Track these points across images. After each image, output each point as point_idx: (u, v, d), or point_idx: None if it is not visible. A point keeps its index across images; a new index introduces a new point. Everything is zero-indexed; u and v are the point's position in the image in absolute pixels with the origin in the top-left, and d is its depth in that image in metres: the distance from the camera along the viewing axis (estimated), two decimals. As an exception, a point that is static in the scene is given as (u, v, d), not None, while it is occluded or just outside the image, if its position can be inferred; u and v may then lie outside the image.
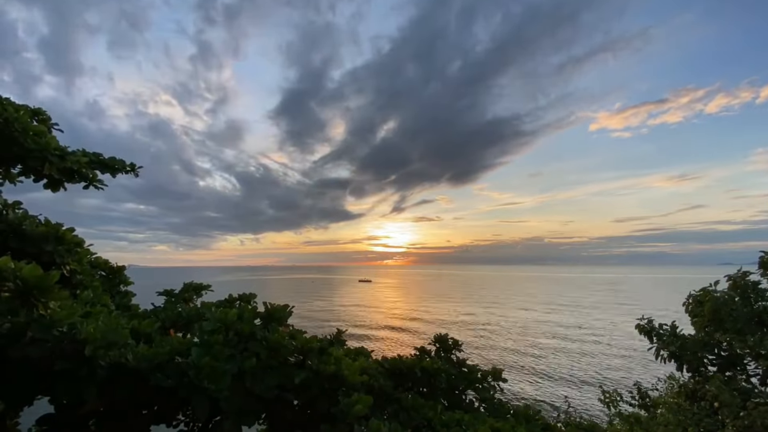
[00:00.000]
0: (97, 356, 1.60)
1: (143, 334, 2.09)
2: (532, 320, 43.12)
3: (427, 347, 3.02)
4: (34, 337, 1.56)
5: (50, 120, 3.22)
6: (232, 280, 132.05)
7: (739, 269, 6.25)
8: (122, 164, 3.36)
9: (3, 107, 2.62)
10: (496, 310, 52.25)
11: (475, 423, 2.15)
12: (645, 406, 6.15)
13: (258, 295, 3.28)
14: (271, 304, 2.36)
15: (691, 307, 6.30)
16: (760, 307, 5.70)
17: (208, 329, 1.99)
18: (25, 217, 2.71)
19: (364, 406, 1.83)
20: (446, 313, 49.07)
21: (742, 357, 5.29)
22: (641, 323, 6.32)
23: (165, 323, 2.62)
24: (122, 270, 3.31)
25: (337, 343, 2.69)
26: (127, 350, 1.71)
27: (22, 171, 2.88)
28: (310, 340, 2.16)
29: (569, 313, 48.34)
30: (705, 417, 4.62)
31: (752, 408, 4.22)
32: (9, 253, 2.24)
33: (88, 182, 3.10)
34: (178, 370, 1.67)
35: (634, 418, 5.32)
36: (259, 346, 1.99)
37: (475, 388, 2.78)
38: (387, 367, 2.60)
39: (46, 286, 1.59)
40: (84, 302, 2.21)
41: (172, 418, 1.90)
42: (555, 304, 59.19)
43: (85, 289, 2.59)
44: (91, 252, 3.04)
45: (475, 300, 65.59)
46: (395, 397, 2.30)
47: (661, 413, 5.40)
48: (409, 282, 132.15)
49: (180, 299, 3.27)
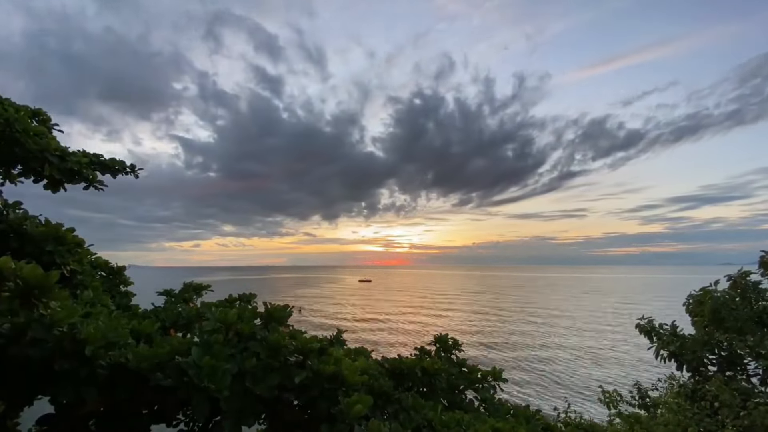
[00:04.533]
0: (98, 356, 1.60)
1: (143, 334, 2.10)
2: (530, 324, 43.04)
3: (427, 347, 3.02)
4: (35, 337, 1.56)
5: (50, 120, 3.23)
6: (222, 279, 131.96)
7: (740, 269, 6.26)
8: (122, 165, 3.36)
9: (3, 108, 2.62)
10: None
11: (475, 423, 2.15)
12: (645, 406, 6.15)
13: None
14: (271, 304, 2.36)
15: (692, 306, 6.31)
16: (761, 307, 5.70)
17: (208, 329, 1.99)
18: (26, 217, 2.71)
19: (364, 407, 1.83)
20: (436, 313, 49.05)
21: (742, 357, 5.29)
22: (641, 323, 6.32)
23: (165, 323, 2.62)
24: (122, 270, 3.31)
25: (337, 343, 2.69)
26: (128, 350, 1.71)
27: (23, 171, 2.89)
28: (310, 340, 2.16)
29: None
30: (705, 417, 4.62)
31: (752, 408, 4.22)
32: (9, 253, 2.25)
33: (89, 183, 3.11)
34: (178, 370, 1.67)
35: (634, 418, 5.32)
36: (259, 346, 1.99)
37: (475, 388, 2.78)
38: (387, 367, 2.60)
39: (46, 286, 1.59)
40: (84, 302, 2.21)
41: (172, 418, 1.90)
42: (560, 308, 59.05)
43: (85, 289, 2.60)
44: (92, 252, 3.05)
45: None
46: (395, 397, 2.30)
47: (661, 413, 5.40)
48: (409, 282, 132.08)
49: (180, 299, 3.28)
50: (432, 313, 50.36)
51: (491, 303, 61.86)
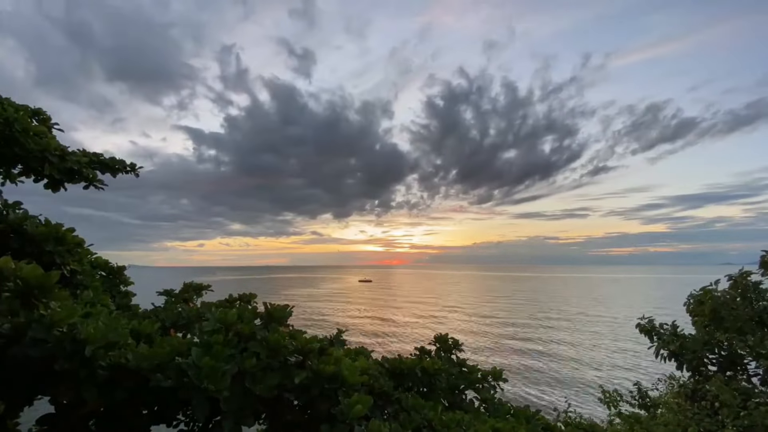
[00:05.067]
0: (97, 356, 1.60)
1: (143, 335, 2.09)
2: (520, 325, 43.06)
3: (427, 347, 3.02)
4: (35, 337, 1.55)
5: (50, 120, 3.23)
6: (221, 280, 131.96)
7: (740, 269, 6.26)
8: (122, 164, 3.36)
9: (3, 108, 2.62)
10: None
11: (475, 423, 2.15)
12: (645, 406, 6.15)
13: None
14: (272, 304, 2.36)
15: (692, 306, 6.31)
16: (761, 307, 5.70)
17: (208, 329, 1.99)
18: (26, 217, 2.71)
19: (364, 407, 1.83)
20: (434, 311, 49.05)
21: (742, 357, 5.29)
22: (642, 322, 6.32)
23: (165, 323, 2.62)
24: (122, 270, 3.31)
25: (337, 343, 2.69)
26: (127, 350, 1.71)
27: (23, 171, 2.89)
28: (310, 340, 2.16)
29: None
30: (705, 417, 4.62)
31: (753, 408, 4.22)
32: (9, 253, 2.25)
33: (89, 182, 3.11)
34: (178, 370, 1.67)
35: (634, 418, 5.32)
36: (259, 346, 1.99)
37: (476, 388, 2.78)
38: (387, 368, 2.60)
39: (46, 286, 1.59)
40: (84, 302, 2.21)
41: (172, 418, 1.90)
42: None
43: (85, 289, 2.60)
44: (92, 252, 3.05)
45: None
46: (395, 397, 2.30)
47: (662, 413, 5.40)
48: (409, 282, 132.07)
49: (180, 299, 3.28)
50: (432, 313, 50.36)
51: (491, 302, 61.88)
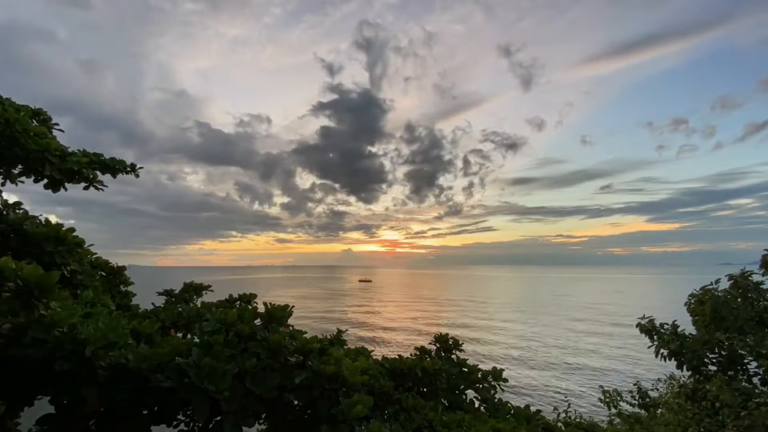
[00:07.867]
0: (98, 356, 1.60)
1: (144, 335, 2.09)
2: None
3: (428, 347, 3.01)
4: (35, 337, 1.56)
5: (51, 120, 3.23)
6: (224, 279, 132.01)
7: (742, 269, 6.25)
8: (122, 164, 3.35)
9: (4, 108, 2.62)
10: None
11: (476, 423, 2.15)
12: (645, 406, 6.15)
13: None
14: (272, 304, 2.35)
15: (693, 306, 6.30)
16: (761, 307, 5.70)
17: (209, 329, 1.99)
18: (26, 218, 2.71)
19: (364, 407, 1.83)
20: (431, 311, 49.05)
21: (742, 357, 5.28)
22: (642, 322, 6.31)
23: (165, 323, 2.62)
24: (122, 270, 3.31)
25: (337, 343, 2.68)
26: (128, 351, 1.71)
27: (23, 171, 2.89)
28: (310, 340, 2.16)
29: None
30: (705, 417, 4.62)
31: (753, 408, 4.21)
32: (10, 253, 2.24)
33: (89, 183, 3.10)
34: (179, 370, 1.67)
35: (634, 418, 5.32)
36: (260, 346, 1.99)
37: (476, 388, 2.77)
38: (387, 368, 2.59)
39: (46, 286, 1.58)
40: (84, 302, 2.21)
41: (172, 418, 1.90)
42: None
43: (85, 289, 2.59)
44: (92, 252, 3.05)
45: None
46: (396, 397, 2.29)
47: (662, 413, 5.40)
48: (409, 282, 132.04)
49: (180, 299, 3.27)
50: (432, 312, 50.35)
51: (491, 303, 61.89)
